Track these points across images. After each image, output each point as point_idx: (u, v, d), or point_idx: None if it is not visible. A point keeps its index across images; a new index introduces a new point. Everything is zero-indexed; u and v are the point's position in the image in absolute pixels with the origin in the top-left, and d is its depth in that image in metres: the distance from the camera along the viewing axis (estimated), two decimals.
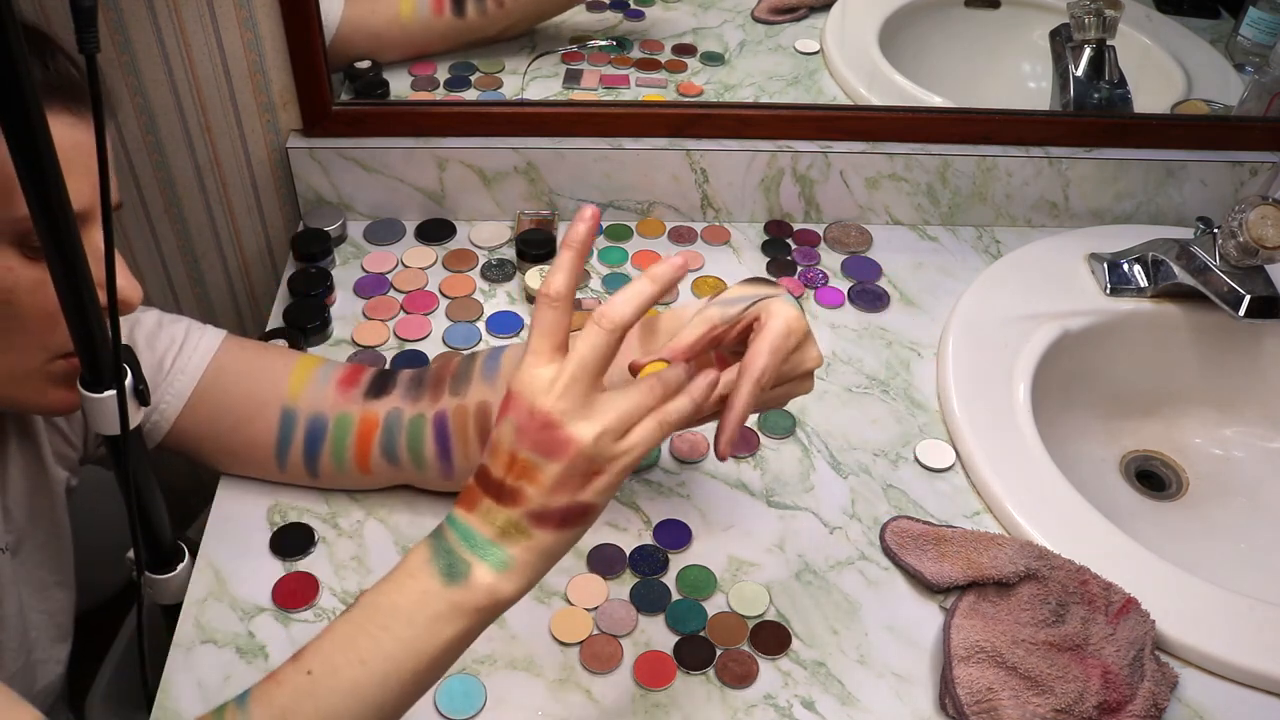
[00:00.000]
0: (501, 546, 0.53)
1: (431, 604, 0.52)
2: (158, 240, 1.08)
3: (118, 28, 0.90)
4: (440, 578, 0.52)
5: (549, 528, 0.53)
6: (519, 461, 0.52)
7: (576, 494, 0.52)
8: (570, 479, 0.52)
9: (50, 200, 0.48)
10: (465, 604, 0.52)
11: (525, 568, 0.53)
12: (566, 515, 0.53)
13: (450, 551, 0.53)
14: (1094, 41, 1.05)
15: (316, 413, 0.74)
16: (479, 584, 0.52)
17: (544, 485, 0.52)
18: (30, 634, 0.72)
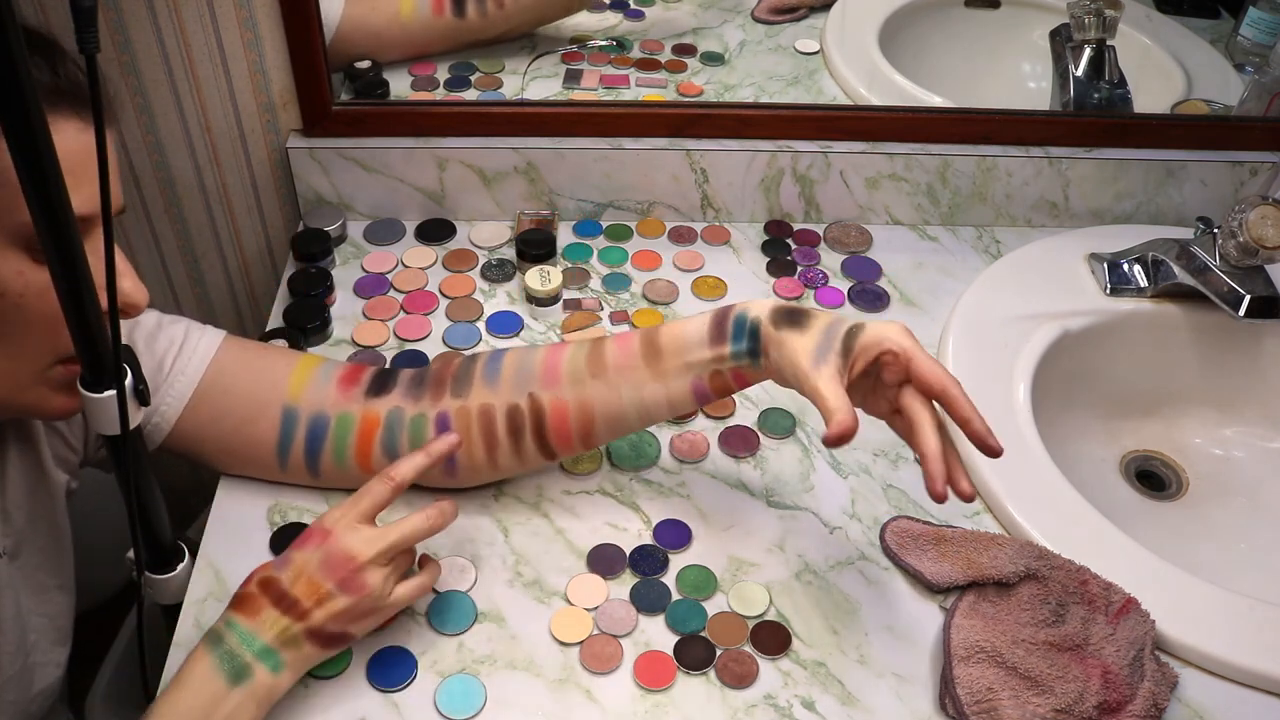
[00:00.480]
0: (277, 652, 0.63)
1: (223, 704, 0.61)
2: (158, 240, 1.08)
3: (118, 28, 0.90)
4: (226, 682, 0.61)
5: (317, 645, 0.64)
6: (320, 589, 0.63)
7: (349, 626, 0.65)
8: (352, 612, 0.64)
9: (50, 201, 0.48)
10: (251, 698, 0.62)
11: (294, 670, 0.64)
12: (335, 639, 0.65)
13: (233, 656, 0.62)
14: (1094, 41, 1.05)
15: (318, 412, 0.74)
16: (260, 683, 0.62)
17: (330, 612, 0.63)
18: (29, 637, 0.72)
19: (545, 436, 0.73)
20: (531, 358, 0.74)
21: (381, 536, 0.66)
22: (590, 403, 0.72)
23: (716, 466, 0.84)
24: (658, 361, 0.71)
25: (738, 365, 0.69)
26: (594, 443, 0.74)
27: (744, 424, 0.87)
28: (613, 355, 0.72)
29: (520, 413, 0.72)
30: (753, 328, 0.68)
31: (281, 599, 0.63)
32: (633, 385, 0.71)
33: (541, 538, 0.78)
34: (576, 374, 0.72)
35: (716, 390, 0.71)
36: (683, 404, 0.72)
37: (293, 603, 0.63)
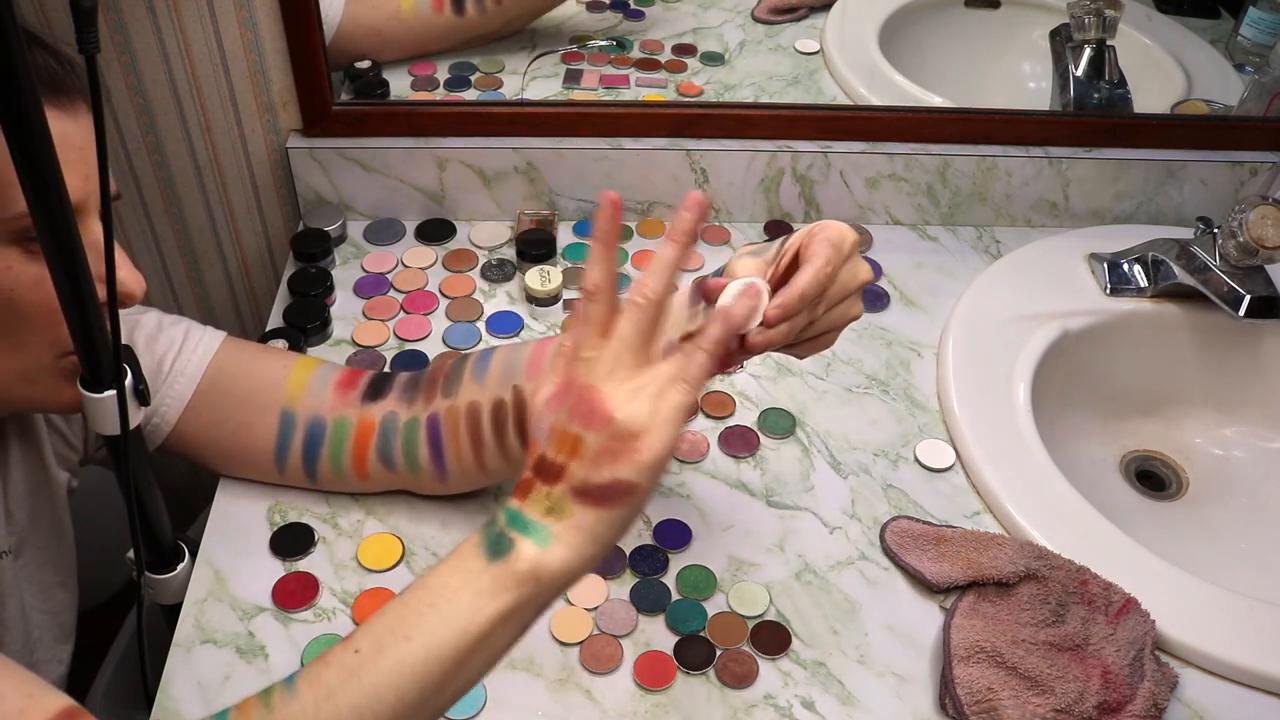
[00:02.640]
0: (546, 524, 0.52)
1: (476, 580, 0.52)
2: (158, 240, 1.08)
3: (118, 28, 0.90)
4: (485, 556, 0.52)
5: (591, 504, 0.52)
6: (569, 437, 0.52)
7: (617, 469, 0.52)
8: (609, 450, 0.52)
9: (50, 203, 0.48)
10: (508, 577, 0.52)
11: (569, 545, 0.52)
12: (609, 492, 0.52)
13: (498, 533, 0.53)
14: (1094, 41, 1.05)
15: (315, 416, 0.74)
16: (522, 557, 0.52)
17: (585, 458, 0.52)
18: (33, 634, 0.72)
19: (527, 428, 0.71)
20: (519, 352, 0.72)
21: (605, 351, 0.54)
22: None
23: (716, 466, 0.84)
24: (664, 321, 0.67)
25: None
26: None
27: (744, 424, 0.87)
28: None
29: (504, 407, 0.70)
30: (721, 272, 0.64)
31: (542, 467, 0.54)
32: None
33: None
34: None
35: None
36: None
37: (550, 467, 0.53)
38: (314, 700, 0.50)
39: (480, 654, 0.52)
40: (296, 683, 0.52)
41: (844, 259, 0.60)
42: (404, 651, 0.51)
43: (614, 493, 0.52)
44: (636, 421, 0.52)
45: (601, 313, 0.54)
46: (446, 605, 0.52)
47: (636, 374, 0.53)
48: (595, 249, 0.55)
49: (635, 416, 0.52)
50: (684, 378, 0.53)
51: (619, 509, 0.53)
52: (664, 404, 0.52)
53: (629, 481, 0.52)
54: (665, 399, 0.52)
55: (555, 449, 0.53)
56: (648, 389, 0.52)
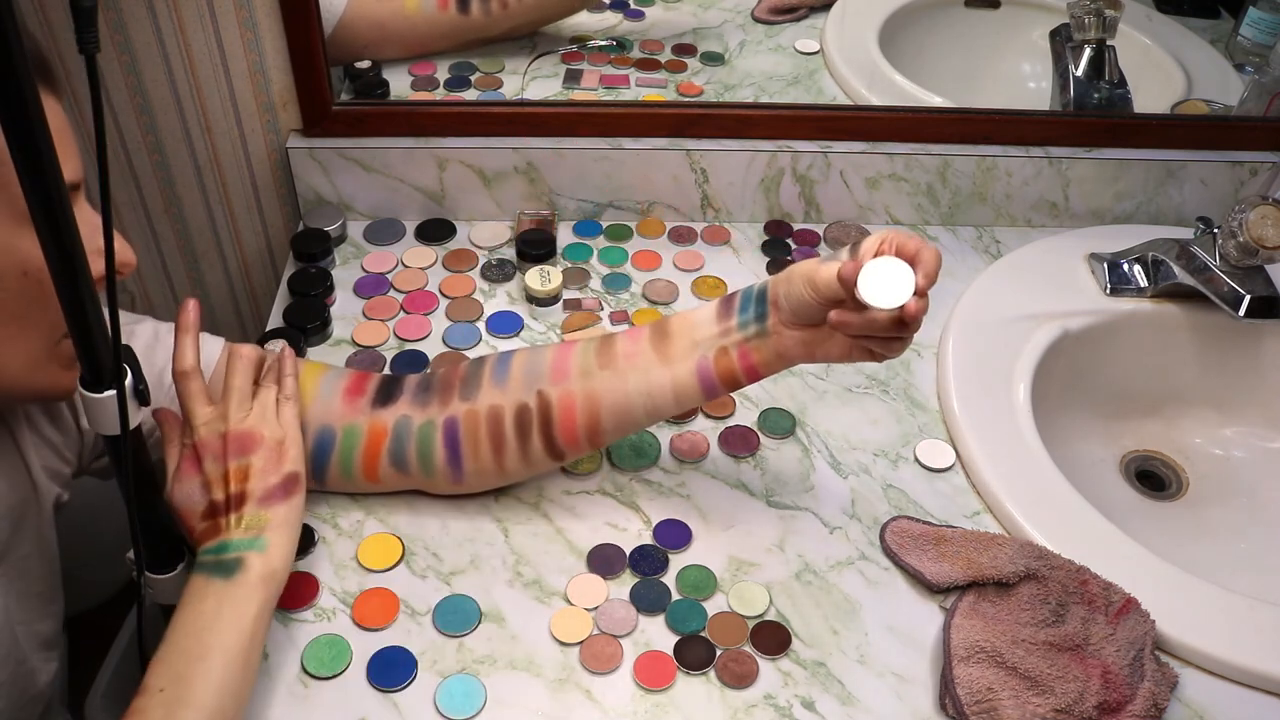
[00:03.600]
0: (253, 537, 0.65)
1: (228, 597, 0.62)
2: (158, 240, 1.08)
3: (118, 28, 0.90)
4: (221, 581, 0.63)
5: (278, 501, 0.66)
6: (235, 470, 0.66)
7: (283, 467, 0.68)
8: (272, 458, 0.67)
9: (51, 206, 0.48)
10: (251, 583, 0.63)
11: (279, 541, 0.65)
12: (287, 485, 0.67)
13: (217, 564, 0.63)
14: (1094, 41, 1.05)
15: (323, 424, 0.74)
16: (253, 566, 0.63)
17: (257, 473, 0.66)
18: (18, 644, 0.72)
19: (552, 434, 0.72)
20: (541, 356, 0.74)
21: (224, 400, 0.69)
22: (597, 395, 0.71)
23: (716, 466, 0.84)
24: (666, 345, 0.71)
25: (744, 337, 0.68)
26: (600, 439, 0.73)
27: (744, 424, 0.87)
28: (622, 346, 0.72)
29: (528, 411, 0.72)
30: (760, 292, 0.69)
31: (221, 508, 0.66)
32: (640, 372, 0.71)
33: (541, 538, 0.78)
34: (586, 368, 0.72)
35: (721, 373, 0.69)
36: (688, 389, 0.70)
37: (228, 501, 0.66)
38: None
39: (256, 645, 0.63)
40: None
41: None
42: (206, 668, 0.60)
43: (290, 483, 0.68)
44: (276, 432, 0.69)
45: (201, 385, 0.69)
46: (217, 623, 0.61)
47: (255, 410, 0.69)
48: (180, 338, 0.68)
49: (275, 430, 0.69)
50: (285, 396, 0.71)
51: (296, 494, 0.68)
52: (285, 415, 0.70)
53: (296, 471, 0.68)
54: (283, 413, 0.70)
55: (223, 488, 0.66)
56: (269, 411, 0.69)
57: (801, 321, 0.67)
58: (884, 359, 0.67)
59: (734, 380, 0.70)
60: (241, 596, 0.62)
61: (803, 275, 0.65)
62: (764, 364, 0.69)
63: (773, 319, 0.68)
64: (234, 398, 0.69)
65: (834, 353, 0.67)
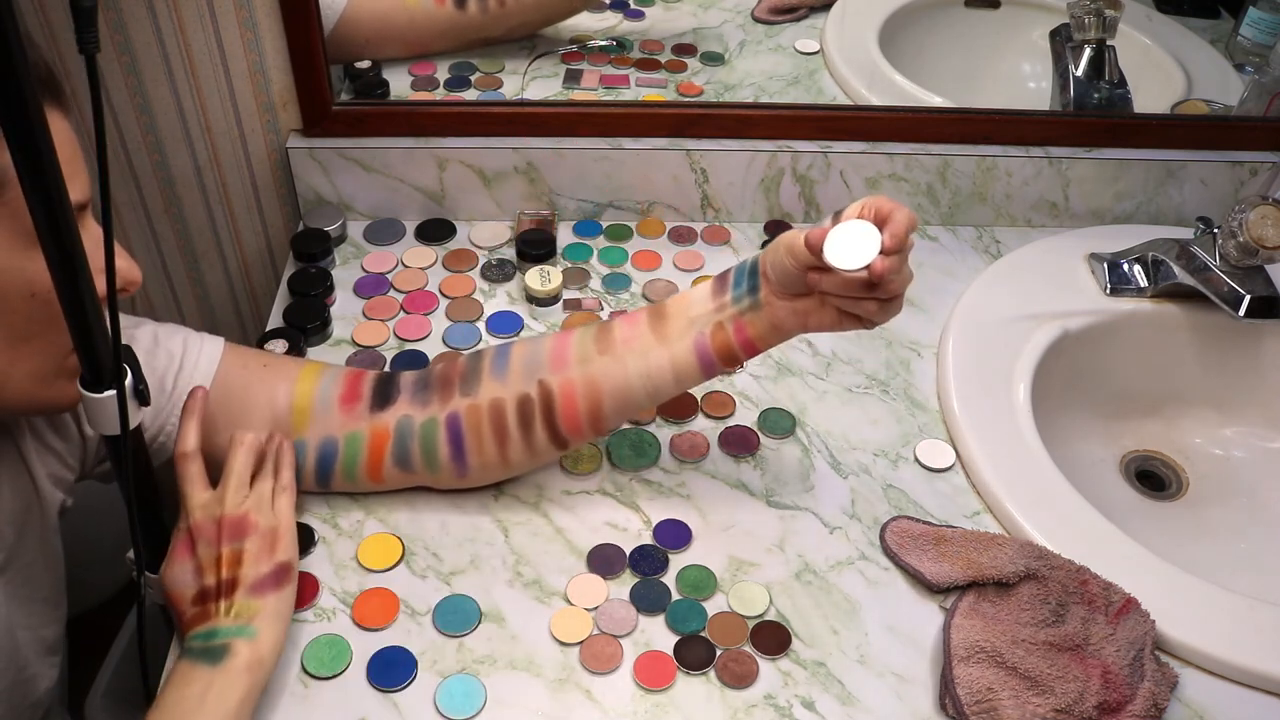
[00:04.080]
0: (242, 626, 0.64)
1: (213, 684, 0.62)
2: (158, 240, 1.08)
3: (118, 28, 0.90)
4: (208, 666, 0.62)
5: (269, 591, 0.66)
6: (227, 555, 0.66)
7: (276, 556, 0.67)
8: (265, 547, 0.67)
9: (52, 204, 0.48)
10: (237, 671, 0.62)
11: (269, 630, 0.65)
12: (278, 575, 0.67)
13: (205, 650, 0.63)
14: (1094, 41, 1.05)
15: (325, 436, 0.74)
16: (240, 653, 0.63)
17: (250, 561, 0.66)
18: (20, 650, 0.72)
19: (555, 422, 0.73)
20: (540, 346, 0.74)
21: (222, 485, 0.69)
22: (597, 380, 0.72)
23: (716, 466, 0.84)
24: (663, 326, 0.71)
25: (738, 311, 0.69)
26: (603, 425, 0.74)
27: (744, 424, 0.87)
28: (620, 330, 0.72)
29: (530, 401, 0.72)
30: (751, 266, 0.69)
31: (212, 593, 0.65)
32: (638, 355, 0.71)
33: (541, 538, 0.78)
34: (584, 354, 0.72)
35: (718, 348, 0.70)
36: (687, 368, 0.71)
37: (220, 587, 0.65)
38: None
39: None
40: None
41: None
42: None
43: (282, 573, 0.67)
44: (270, 521, 0.68)
45: (200, 469, 0.69)
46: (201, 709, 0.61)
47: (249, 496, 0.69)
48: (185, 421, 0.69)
49: (270, 519, 0.68)
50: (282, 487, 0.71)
51: (288, 584, 0.67)
52: (280, 505, 0.70)
53: (287, 561, 0.68)
54: (279, 503, 0.70)
55: (215, 574, 0.66)
56: (265, 500, 0.69)
57: (790, 291, 0.67)
58: (874, 325, 0.67)
59: (731, 355, 0.70)
60: (227, 683, 0.62)
61: (785, 244, 0.65)
62: (759, 337, 0.69)
63: (764, 291, 0.68)
64: (232, 482, 0.69)
65: (826, 321, 0.67)
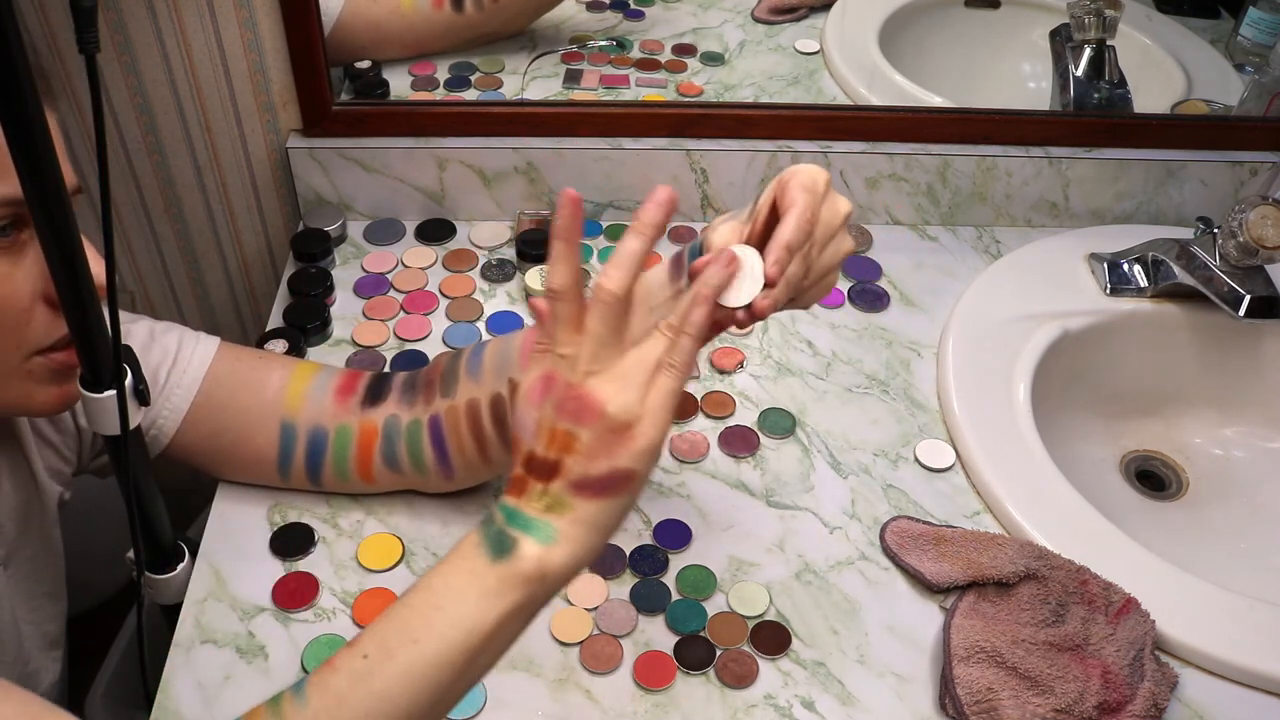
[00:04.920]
0: (547, 521, 0.53)
1: (480, 580, 0.52)
2: (158, 240, 1.08)
3: (118, 28, 0.90)
4: (488, 556, 0.52)
5: (591, 496, 0.53)
6: (559, 434, 0.53)
7: (614, 459, 0.53)
8: (605, 442, 0.52)
9: (49, 201, 0.48)
10: (513, 577, 0.52)
11: (572, 540, 0.53)
12: (608, 482, 0.53)
13: (498, 532, 0.53)
14: (1094, 41, 1.05)
15: (316, 425, 0.74)
16: (526, 556, 0.52)
17: (581, 452, 0.52)
18: (24, 644, 0.72)
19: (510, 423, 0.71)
20: (510, 344, 0.72)
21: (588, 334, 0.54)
22: None
23: (716, 466, 0.84)
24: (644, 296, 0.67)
25: None
26: None
27: (744, 424, 0.87)
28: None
29: (502, 401, 0.71)
30: (696, 247, 0.65)
31: (534, 465, 0.54)
32: None
33: None
34: None
35: None
36: None
37: (542, 464, 0.54)
38: (325, 707, 0.51)
39: (487, 653, 0.53)
40: (306, 690, 0.52)
41: (821, 199, 0.60)
42: (413, 655, 0.51)
43: (613, 482, 0.53)
44: (629, 412, 0.52)
45: (571, 311, 0.54)
46: (453, 607, 0.52)
47: (618, 364, 0.53)
48: (557, 247, 0.55)
49: (627, 407, 0.52)
50: (670, 362, 0.53)
51: (619, 497, 0.53)
52: (654, 391, 0.53)
53: (627, 469, 0.53)
54: (655, 386, 0.53)
55: (545, 446, 0.53)
56: (635, 377, 0.53)
57: None
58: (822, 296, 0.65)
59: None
60: (496, 589, 0.52)
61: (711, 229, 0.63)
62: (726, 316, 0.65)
63: None
64: (588, 345, 0.54)
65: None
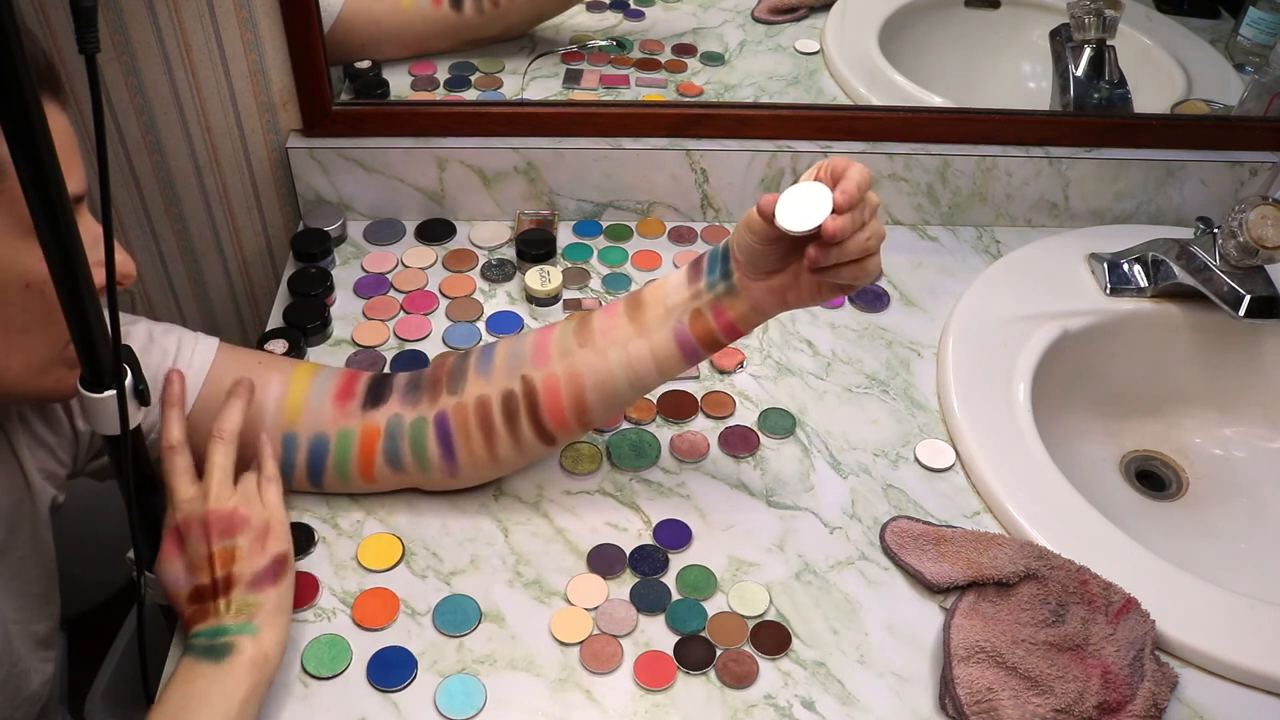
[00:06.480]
0: (245, 621, 0.64)
1: (218, 682, 0.62)
2: (158, 240, 1.08)
3: (118, 28, 0.90)
4: (212, 663, 0.62)
5: (268, 585, 0.66)
6: (220, 553, 0.65)
7: (269, 549, 0.67)
8: (258, 540, 0.66)
9: (50, 202, 0.48)
10: (242, 668, 0.62)
11: (271, 625, 0.65)
12: (275, 568, 0.66)
13: (209, 649, 0.63)
14: (1094, 41, 1.05)
15: (317, 432, 0.74)
16: (244, 650, 0.63)
17: (244, 556, 0.66)
18: (13, 645, 0.72)
19: (540, 417, 0.72)
20: (523, 343, 0.74)
21: (206, 480, 0.67)
22: (579, 372, 0.71)
23: (716, 466, 0.84)
24: (641, 316, 0.71)
25: (714, 297, 0.68)
26: (588, 418, 0.73)
27: (744, 424, 0.87)
28: (599, 322, 0.72)
29: (514, 397, 0.72)
30: (723, 250, 0.69)
31: (209, 591, 0.65)
32: (619, 346, 0.71)
33: (541, 538, 0.78)
34: (565, 347, 0.72)
35: (699, 335, 0.69)
36: (668, 357, 0.70)
37: (218, 584, 0.65)
38: None
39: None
40: None
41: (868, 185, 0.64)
42: None
43: (279, 566, 0.67)
44: (262, 514, 0.68)
45: (187, 462, 0.68)
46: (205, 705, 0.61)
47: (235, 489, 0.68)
48: (167, 412, 0.68)
49: (259, 511, 0.68)
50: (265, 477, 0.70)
51: (285, 576, 0.67)
52: (269, 496, 0.69)
53: (283, 553, 0.68)
54: (267, 495, 0.69)
55: (208, 572, 0.65)
56: (252, 493, 0.68)
57: (761, 269, 0.67)
58: (855, 289, 0.66)
59: (713, 340, 0.70)
60: (231, 681, 0.62)
61: (744, 222, 0.65)
62: (740, 319, 0.69)
63: (738, 274, 0.68)
64: (215, 476, 0.67)
65: (805, 295, 0.67)
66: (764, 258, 0.66)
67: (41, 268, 0.52)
